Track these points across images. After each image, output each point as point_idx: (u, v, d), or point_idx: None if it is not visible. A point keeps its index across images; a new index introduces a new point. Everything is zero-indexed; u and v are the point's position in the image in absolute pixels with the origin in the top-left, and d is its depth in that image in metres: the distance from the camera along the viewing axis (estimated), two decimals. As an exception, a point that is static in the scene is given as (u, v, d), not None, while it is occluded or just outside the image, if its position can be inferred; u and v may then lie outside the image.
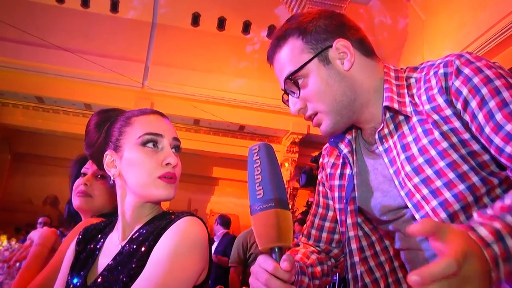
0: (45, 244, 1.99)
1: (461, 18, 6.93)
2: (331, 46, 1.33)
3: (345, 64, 1.32)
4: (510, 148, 1.04)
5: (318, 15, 1.37)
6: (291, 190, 11.39)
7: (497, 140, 1.07)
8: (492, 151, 1.10)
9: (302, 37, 1.34)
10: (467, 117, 1.15)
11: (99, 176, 2.08)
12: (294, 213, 10.68)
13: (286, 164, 11.50)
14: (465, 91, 1.15)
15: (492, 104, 1.09)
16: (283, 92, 1.41)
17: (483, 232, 0.80)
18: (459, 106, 1.17)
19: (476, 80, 1.14)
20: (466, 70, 1.16)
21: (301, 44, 1.33)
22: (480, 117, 1.11)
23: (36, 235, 2.03)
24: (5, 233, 6.33)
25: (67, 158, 2.21)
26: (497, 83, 1.12)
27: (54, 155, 11.96)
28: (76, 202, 2.06)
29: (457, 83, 1.17)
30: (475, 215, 0.88)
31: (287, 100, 1.41)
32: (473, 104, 1.13)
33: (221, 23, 10.11)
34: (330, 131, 1.38)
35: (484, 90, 1.12)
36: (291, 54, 1.34)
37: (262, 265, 1.08)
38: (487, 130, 1.09)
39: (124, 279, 1.29)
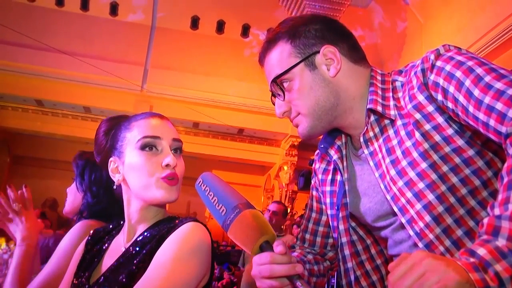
0: (30, 244, 1.97)
1: (460, 22, 6.95)
2: (318, 52, 1.33)
3: (331, 71, 1.33)
4: (493, 121, 1.02)
5: (309, 20, 1.39)
6: (290, 193, 11.37)
7: (481, 116, 1.05)
8: (481, 130, 1.08)
9: (291, 41, 1.35)
10: (450, 105, 1.14)
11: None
12: (293, 216, 10.67)
13: (285, 168, 11.50)
14: (441, 81, 1.15)
15: (468, 83, 1.09)
16: (271, 94, 1.43)
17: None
18: (440, 97, 1.16)
19: (448, 67, 1.14)
20: (439, 63, 1.17)
21: (289, 48, 1.35)
22: (461, 99, 1.10)
23: (18, 234, 2.00)
24: (3, 236, 6.30)
25: (66, 161, 2.22)
26: (469, 63, 1.12)
27: (53, 158, 11.98)
28: None
29: (432, 76, 1.18)
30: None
31: (275, 103, 1.43)
32: (451, 89, 1.12)
33: (220, 26, 10.13)
34: (307, 134, 1.39)
35: (458, 73, 1.11)
36: (279, 57, 1.36)
37: (258, 262, 1.10)
38: (471, 109, 1.08)
39: (124, 280, 1.30)
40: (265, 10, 9.38)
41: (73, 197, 2.15)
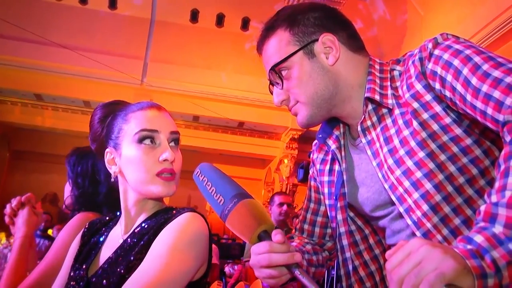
0: (24, 235, 1.98)
1: (460, 13, 6.92)
2: (317, 40, 1.34)
3: (330, 59, 1.33)
4: (490, 109, 1.03)
5: (308, 8, 1.39)
6: (291, 186, 11.38)
7: (479, 105, 1.06)
8: (479, 118, 1.08)
9: (290, 29, 1.35)
10: (448, 93, 1.15)
11: None
12: (294, 209, 10.69)
13: (286, 161, 11.50)
14: (438, 70, 1.16)
15: (465, 71, 1.09)
16: (269, 82, 1.43)
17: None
18: (437, 86, 1.17)
19: (446, 56, 1.15)
20: (437, 51, 1.18)
21: (288, 36, 1.35)
22: (459, 87, 1.10)
23: (15, 228, 2.02)
24: (4, 231, 6.31)
25: (66, 155, 2.22)
26: (467, 52, 1.12)
27: (53, 152, 11.95)
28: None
29: (430, 65, 1.18)
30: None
31: (273, 91, 1.43)
32: (449, 78, 1.13)
33: (220, 20, 10.09)
34: (306, 123, 1.39)
35: (456, 62, 1.12)
36: (278, 45, 1.36)
37: (257, 251, 1.11)
38: (468, 98, 1.08)
39: (122, 271, 1.30)
40: (265, 3, 9.34)
41: (67, 193, 2.17)
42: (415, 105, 1.22)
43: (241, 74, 10.45)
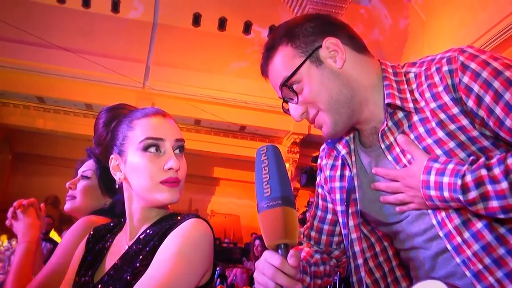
0: (30, 240, 1.97)
1: (462, 19, 6.93)
2: (321, 46, 1.33)
3: (338, 62, 1.32)
4: None
5: (303, 19, 1.38)
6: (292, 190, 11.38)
7: None
8: None
9: (291, 43, 1.34)
10: (482, 113, 1.14)
11: (81, 176, 2.09)
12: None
13: (287, 165, 11.50)
14: (476, 87, 1.14)
15: (508, 96, 1.09)
16: (282, 101, 1.41)
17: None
18: (470, 103, 1.16)
19: (485, 74, 1.13)
20: (473, 65, 1.16)
21: (291, 50, 1.33)
22: (498, 110, 1.11)
23: (18, 232, 2.01)
24: (5, 233, 6.30)
25: (67, 158, 2.23)
26: (508, 74, 1.12)
27: (55, 155, 11.97)
28: (65, 206, 2.07)
29: (466, 79, 1.16)
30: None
31: (288, 110, 1.40)
32: (487, 99, 1.13)
33: (222, 24, 10.11)
34: (332, 132, 1.36)
35: (496, 84, 1.11)
36: (283, 61, 1.34)
37: (268, 260, 1.08)
38: (508, 122, 1.09)
39: (128, 277, 1.30)
40: (266, 7, 9.37)
41: (89, 195, 2.09)
42: (442, 116, 1.22)
43: (243, 77, 10.47)
